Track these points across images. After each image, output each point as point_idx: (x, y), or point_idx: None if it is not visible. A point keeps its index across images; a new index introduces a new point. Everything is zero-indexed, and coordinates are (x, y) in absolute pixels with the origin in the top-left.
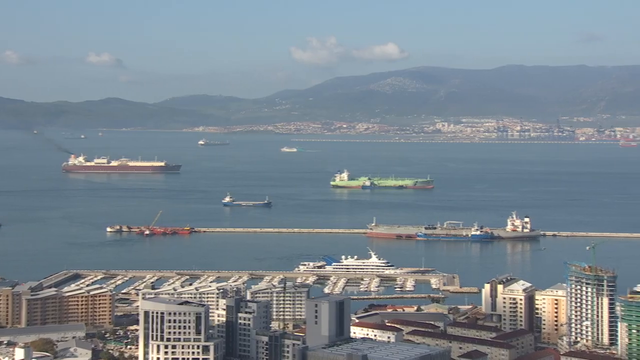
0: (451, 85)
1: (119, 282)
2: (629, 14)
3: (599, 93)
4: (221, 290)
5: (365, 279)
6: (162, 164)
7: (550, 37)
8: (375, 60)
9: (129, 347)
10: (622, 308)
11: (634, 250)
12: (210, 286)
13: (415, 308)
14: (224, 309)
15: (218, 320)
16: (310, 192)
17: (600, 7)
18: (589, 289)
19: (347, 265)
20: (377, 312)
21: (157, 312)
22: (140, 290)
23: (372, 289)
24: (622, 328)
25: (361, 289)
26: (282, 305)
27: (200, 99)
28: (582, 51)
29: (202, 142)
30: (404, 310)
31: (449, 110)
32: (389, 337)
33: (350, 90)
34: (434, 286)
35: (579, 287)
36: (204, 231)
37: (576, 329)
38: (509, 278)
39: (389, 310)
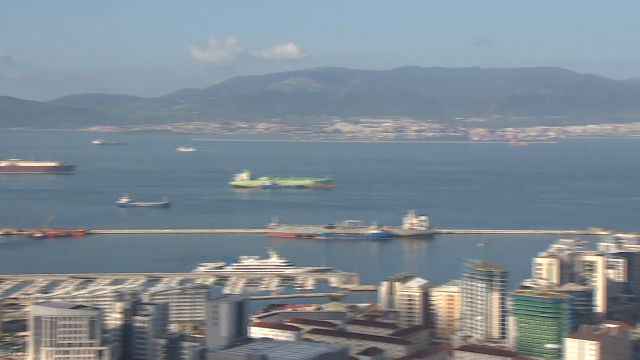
0: (350, 85)
1: (7, 286)
2: (518, 19)
3: (491, 94)
4: (117, 293)
5: (265, 279)
6: (56, 164)
7: (445, 39)
8: (275, 60)
9: (17, 354)
10: (512, 302)
11: (524, 246)
12: (105, 289)
13: (315, 307)
14: (119, 313)
15: (114, 324)
16: (209, 192)
17: (491, 12)
18: (481, 285)
19: (247, 266)
20: (277, 311)
21: (48, 317)
22: (30, 294)
23: (272, 289)
24: (512, 322)
25: (261, 289)
26: (180, 307)
27: (97, 98)
28: (475, 54)
29: (98, 142)
30: (304, 309)
31: (348, 111)
32: (288, 337)
33: (250, 90)
34: (333, 285)
35: (472, 283)
36: (100, 233)
37: (469, 323)
38: (406, 276)
39: (289, 310)
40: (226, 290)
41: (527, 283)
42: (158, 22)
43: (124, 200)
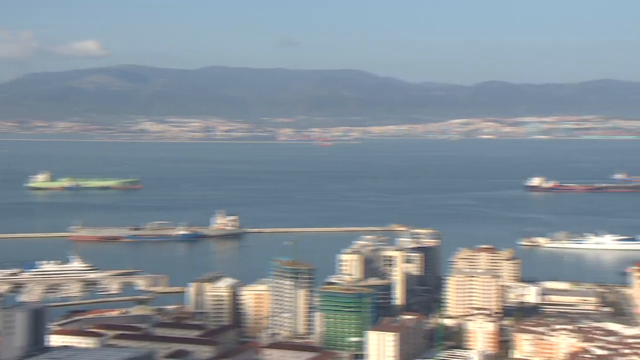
0: (156, 84)
1: None
2: (322, 22)
3: (298, 95)
4: None
5: (66, 285)
6: None
7: (251, 40)
8: (74, 57)
9: None
10: (318, 299)
11: (330, 243)
12: None
13: (121, 311)
14: None
15: None
16: (3, 195)
17: (296, 14)
18: (289, 283)
19: (46, 271)
20: (79, 317)
21: None
22: None
23: (73, 295)
24: (318, 317)
25: (61, 295)
26: None
27: None
28: (281, 55)
29: None
30: (108, 314)
31: (154, 110)
32: (91, 343)
33: (48, 87)
34: (140, 288)
35: (280, 281)
36: None
37: (277, 321)
38: (215, 276)
39: (92, 315)
40: (22, 298)
41: (333, 279)
42: None
43: None
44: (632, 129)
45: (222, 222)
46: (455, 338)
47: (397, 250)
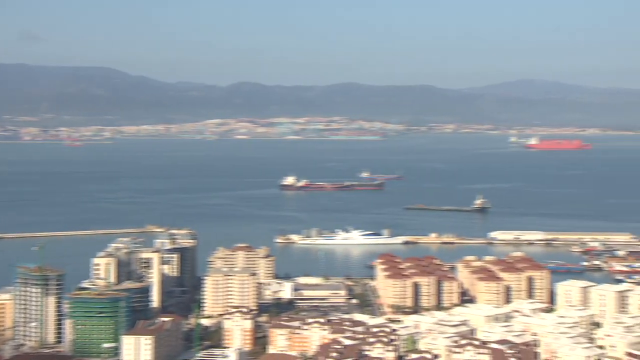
0: None
1: None
2: (69, 16)
3: (43, 93)
4: None
5: None
6: None
7: None
8: None
9: None
10: (69, 305)
11: (84, 247)
12: None
13: None
14: None
15: None
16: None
17: (39, 8)
18: (36, 290)
19: None
20: None
21: None
22: None
23: None
24: (68, 325)
25: None
26: None
27: None
28: (23, 50)
29: None
30: None
31: None
32: None
33: None
34: None
35: (26, 288)
36: None
37: (23, 331)
38: None
39: None
40: None
41: (85, 284)
42: None
43: None
44: (374, 130)
45: None
46: (214, 337)
47: (153, 251)
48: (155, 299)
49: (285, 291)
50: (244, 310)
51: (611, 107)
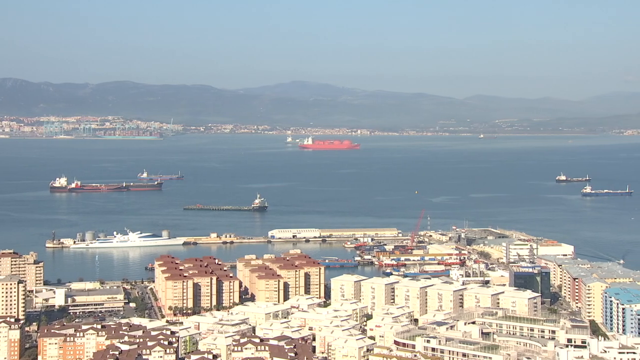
0: None
1: None
2: None
3: None
4: None
5: None
6: None
7: None
8: None
9: None
10: None
11: None
12: None
13: None
14: None
15: None
16: None
17: None
18: None
19: None
20: None
21: None
22: None
23: None
24: None
25: None
26: None
27: None
28: None
29: None
30: None
31: None
32: None
33: None
34: None
35: None
36: None
37: None
38: None
39: None
40: None
41: None
42: None
43: None
44: (151, 130)
45: None
46: None
47: None
48: None
49: (57, 298)
50: (10, 320)
51: (377, 109)
